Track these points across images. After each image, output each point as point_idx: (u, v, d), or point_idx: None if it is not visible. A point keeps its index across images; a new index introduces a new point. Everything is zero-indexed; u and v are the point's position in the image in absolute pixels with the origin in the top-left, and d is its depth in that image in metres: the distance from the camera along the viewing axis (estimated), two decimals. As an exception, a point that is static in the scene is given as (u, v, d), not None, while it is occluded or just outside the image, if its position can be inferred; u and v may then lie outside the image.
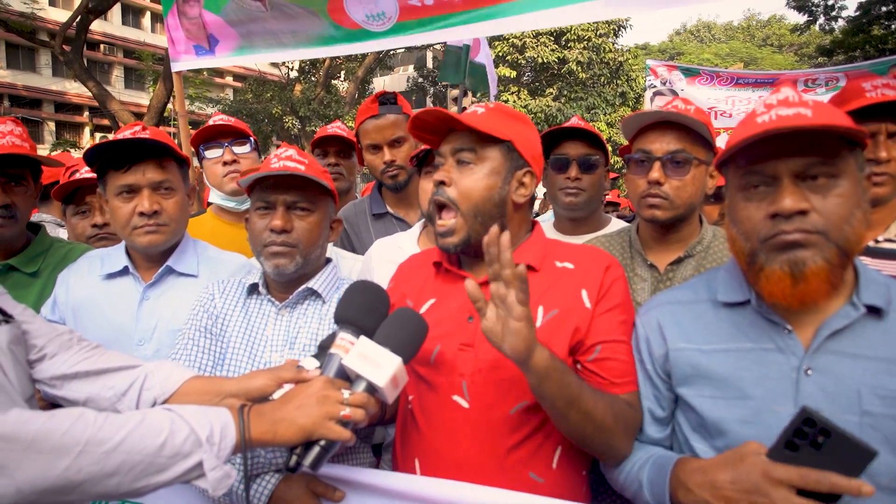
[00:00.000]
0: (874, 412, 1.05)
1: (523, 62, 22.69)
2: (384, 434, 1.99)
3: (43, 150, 26.36)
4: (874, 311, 1.10)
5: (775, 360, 1.13)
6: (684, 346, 1.24)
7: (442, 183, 1.35)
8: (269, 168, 1.48)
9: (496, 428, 1.29)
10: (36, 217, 3.23)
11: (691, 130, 1.62)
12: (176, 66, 3.29)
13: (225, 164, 2.34)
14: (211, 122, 2.40)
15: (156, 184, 1.68)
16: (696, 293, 1.30)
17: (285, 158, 1.51)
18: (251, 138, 2.44)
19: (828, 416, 1.01)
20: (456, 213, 1.34)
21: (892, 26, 17.39)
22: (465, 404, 1.31)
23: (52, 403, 1.32)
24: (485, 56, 4.71)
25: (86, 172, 2.30)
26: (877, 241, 1.65)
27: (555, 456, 1.31)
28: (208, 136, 2.37)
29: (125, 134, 1.65)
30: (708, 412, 1.18)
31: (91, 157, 1.68)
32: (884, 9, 16.97)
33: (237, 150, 2.37)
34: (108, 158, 1.66)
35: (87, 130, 27.79)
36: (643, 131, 1.68)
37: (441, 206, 1.36)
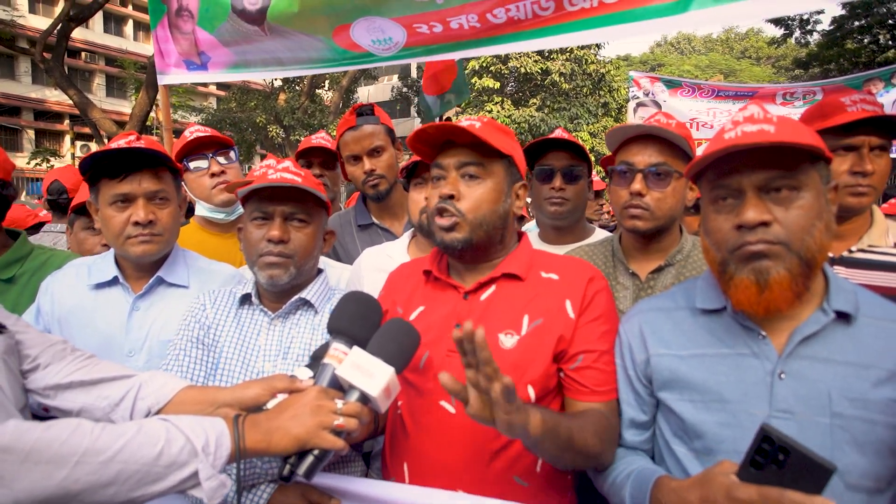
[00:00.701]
0: (844, 414, 1.09)
1: (507, 73, 22.90)
2: (372, 443, 2.01)
3: (22, 159, 25.91)
4: (843, 317, 1.15)
5: (750, 365, 1.18)
6: (664, 352, 1.29)
7: (451, 196, 1.37)
8: (266, 179, 1.50)
9: (482, 432, 1.31)
10: (47, 227, 3.22)
11: (673, 144, 1.67)
12: (164, 80, 3.20)
13: (213, 175, 2.33)
14: (189, 134, 2.37)
15: (151, 193, 1.67)
16: (675, 301, 1.34)
17: (282, 170, 1.53)
18: (234, 148, 2.44)
19: (801, 418, 1.07)
20: (464, 221, 1.37)
21: (865, 40, 17.90)
22: (451, 409, 1.34)
23: (35, 416, 1.31)
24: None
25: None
26: (850, 251, 1.70)
27: (539, 460, 1.34)
28: (191, 148, 2.35)
29: (121, 143, 1.65)
30: (687, 415, 1.22)
31: (86, 165, 1.67)
32: (856, 24, 17.46)
33: (222, 160, 2.37)
34: (103, 167, 1.65)
35: (67, 139, 27.37)
36: (626, 144, 1.72)
37: (443, 211, 1.39)
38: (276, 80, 22.03)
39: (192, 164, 2.35)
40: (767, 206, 1.11)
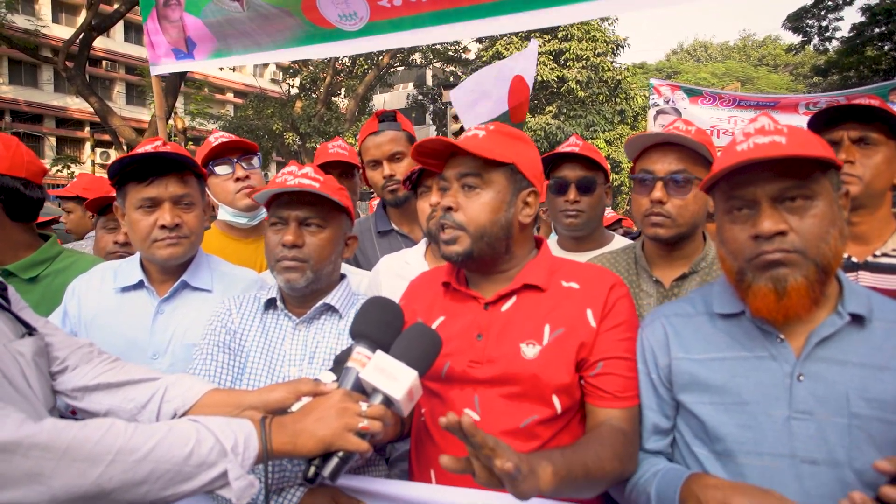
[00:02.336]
0: (861, 414, 1.12)
1: (522, 80, 22.89)
2: (391, 448, 2.02)
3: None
4: (857, 320, 1.17)
5: (769, 368, 1.20)
6: (684, 356, 1.30)
7: (449, 208, 1.39)
8: (285, 185, 1.53)
9: (508, 440, 1.30)
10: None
11: (693, 151, 1.66)
12: (155, 70, 3.28)
13: (237, 179, 2.37)
14: (214, 139, 2.41)
15: (177, 197, 1.70)
16: (694, 307, 1.36)
17: (301, 176, 1.55)
18: (258, 154, 2.47)
19: (820, 419, 1.10)
20: (464, 233, 1.38)
21: (885, 47, 17.66)
22: (476, 417, 1.35)
23: (63, 417, 1.33)
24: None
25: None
26: (875, 256, 1.69)
27: None
28: (216, 153, 2.39)
29: (147, 148, 1.69)
30: (708, 418, 1.24)
31: (114, 170, 1.71)
32: (877, 30, 17.25)
33: (246, 165, 2.40)
34: (130, 172, 1.69)
35: (87, 146, 27.88)
36: (646, 151, 1.73)
37: (443, 225, 1.40)
38: (293, 87, 22.30)
39: (216, 169, 2.38)
40: (783, 216, 1.14)
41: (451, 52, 22.68)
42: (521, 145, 1.44)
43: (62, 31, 24.67)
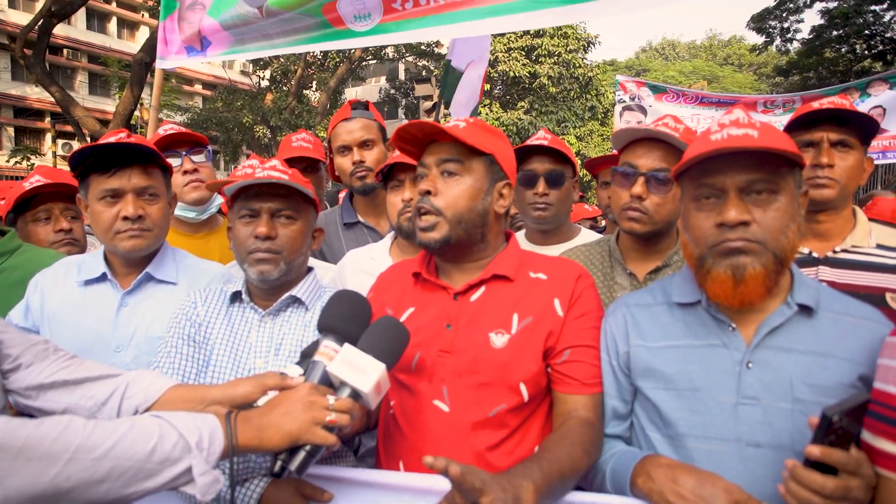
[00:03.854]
0: (804, 399, 1.17)
1: (495, 76, 22.95)
2: (358, 442, 2.01)
3: (1, 157, 25.40)
4: (805, 310, 1.23)
5: (720, 355, 1.25)
6: (641, 344, 1.35)
7: (428, 192, 1.39)
8: (253, 177, 1.51)
9: (477, 430, 1.34)
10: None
11: (678, 150, 1.67)
12: (162, 64, 3.36)
13: (185, 173, 2.32)
14: (162, 130, 2.36)
15: (140, 189, 1.68)
16: (654, 296, 1.41)
17: (269, 168, 1.54)
18: (208, 147, 2.42)
19: (765, 404, 1.16)
20: (440, 218, 1.38)
21: (842, 49, 18.26)
22: (445, 408, 1.36)
23: (21, 414, 1.30)
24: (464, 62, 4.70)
25: (36, 182, 2.26)
26: (835, 252, 1.75)
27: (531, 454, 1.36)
28: (164, 146, 2.33)
29: (110, 139, 1.65)
30: (661, 403, 1.29)
31: (76, 160, 1.67)
32: (835, 33, 17.81)
33: (195, 158, 2.35)
34: (92, 162, 1.65)
35: (48, 137, 26.93)
36: (631, 145, 1.73)
37: (424, 212, 1.40)
38: (263, 80, 21.90)
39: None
40: (747, 207, 1.18)
41: (423, 47, 22.57)
42: (498, 140, 1.46)
43: (20, 17, 23.70)
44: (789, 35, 19.57)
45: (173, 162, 2.31)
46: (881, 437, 1.04)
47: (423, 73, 23.37)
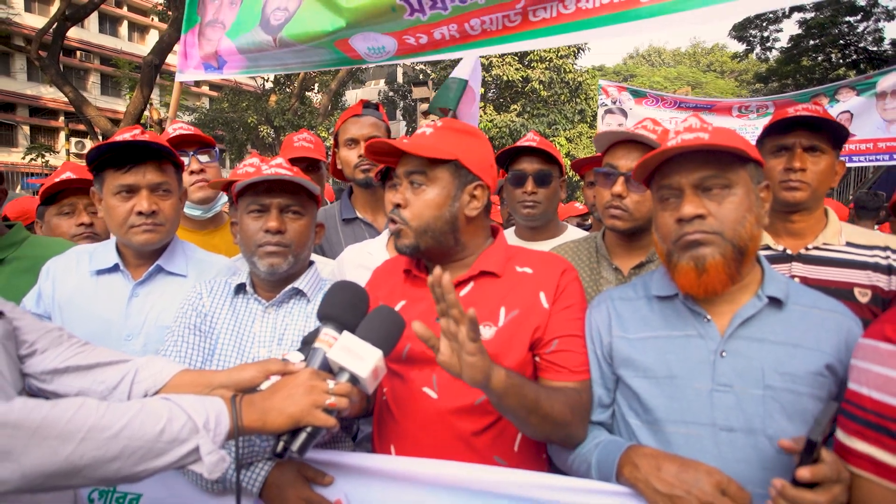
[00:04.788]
0: (774, 386, 1.19)
1: (489, 80, 22.91)
2: (356, 428, 2.03)
3: (17, 154, 25.18)
4: (776, 303, 1.26)
5: (696, 345, 1.27)
6: (622, 335, 1.36)
7: (398, 205, 1.40)
8: (261, 174, 1.52)
9: (463, 416, 1.35)
10: None
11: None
12: (181, 77, 3.42)
13: (192, 172, 2.31)
14: (172, 130, 2.36)
15: (154, 185, 1.67)
16: (635, 291, 1.43)
17: (276, 166, 1.55)
18: (215, 147, 2.42)
19: (738, 391, 1.18)
20: (408, 229, 1.39)
21: (819, 58, 18.31)
22: (434, 395, 1.37)
23: (34, 397, 1.30)
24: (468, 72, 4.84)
25: (65, 177, 2.27)
26: (807, 249, 1.78)
27: (516, 440, 1.38)
28: (173, 145, 2.31)
29: (126, 136, 1.65)
30: (641, 390, 1.30)
31: (93, 156, 1.67)
32: (812, 42, 17.85)
33: (202, 158, 2.35)
34: (109, 159, 1.65)
35: (62, 135, 26.74)
36: (613, 147, 1.76)
37: (394, 222, 1.42)
38: (267, 82, 21.77)
39: None
40: (703, 202, 1.22)
41: (421, 52, 22.51)
42: (468, 139, 1.42)
43: (35, 21, 23.48)
44: (769, 44, 19.62)
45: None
46: (855, 438, 1.04)
47: (421, 77, 23.26)
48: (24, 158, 23.33)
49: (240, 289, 1.61)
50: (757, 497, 1.09)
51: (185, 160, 2.31)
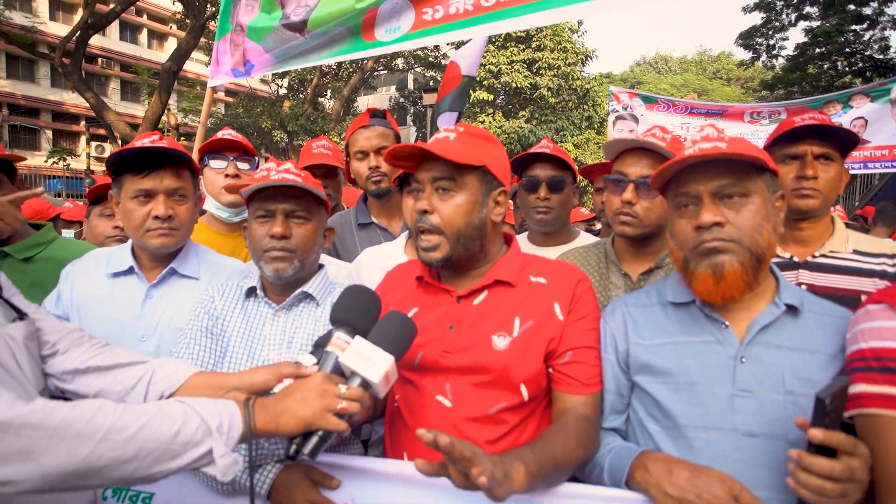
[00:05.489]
0: (795, 391, 1.18)
1: (498, 87, 22.95)
2: (370, 430, 2.01)
3: (40, 157, 25.58)
4: (792, 310, 1.26)
5: (715, 351, 1.26)
6: (639, 342, 1.34)
7: (425, 212, 1.35)
8: (269, 179, 1.50)
9: (477, 425, 1.32)
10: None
11: (665, 157, 1.66)
12: (212, 82, 3.50)
13: (227, 176, 2.33)
14: (221, 133, 2.40)
15: (171, 190, 1.68)
16: (649, 297, 1.41)
17: (284, 171, 1.53)
18: (255, 157, 2.43)
19: (759, 396, 1.17)
20: (440, 236, 1.34)
21: (825, 66, 18.14)
22: (447, 403, 1.34)
23: (54, 397, 1.30)
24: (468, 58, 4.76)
25: None
26: (814, 256, 1.75)
27: None
28: (216, 147, 2.37)
29: (145, 142, 1.66)
30: (660, 396, 1.28)
31: (112, 160, 1.68)
32: (818, 50, 17.70)
33: (241, 165, 2.37)
34: (128, 163, 1.66)
35: (83, 139, 27.06)
36: (622, 154, 1.75)
37: (423, 231, 1.36)
38: (281, 88, 21.94)
39: (212, 161, 2.35)
40: (721, 210, 1.22)
41: (431, 59, 22.59)
42: (490, 146, 1.40)
43: (59, 29, 23.85)
44: (775, 52, 19.47)
45: (219, 164, 2.34)
46: (863, 384, 1.06)
47: (431, 83, 23.34)
48: (46, 162, 23.69)
49: (251, 292, 1.60)
50: (778, 503, 1.07)
51: (223, 163, 2.34)
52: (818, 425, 0.98)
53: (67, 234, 3.82)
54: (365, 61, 19.92)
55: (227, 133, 2.41)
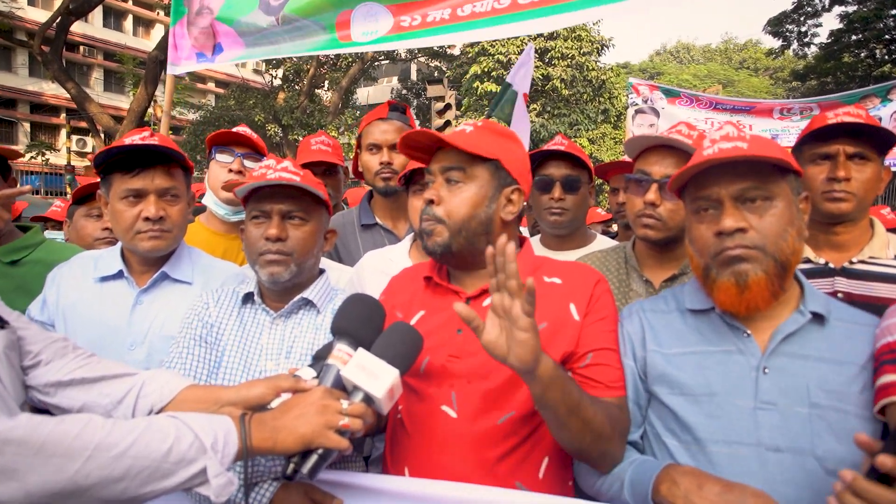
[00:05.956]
0: (821, 404, 1.18)
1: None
2: (371, 446, 2.02)
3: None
4: (818, 319, 1.25)
5: (736, 361, 1.26)
6: (657, 350, 1.35)
7: (431, 202, 1.39)
8: (265, 178, 1.51)
9: (484, 438, 1.32)
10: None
11: (691, 156, 1.67)
12: (173, 70, 3.46)
13: (230, 171, 2.35)
14: (237, 129, 2.43)
15: (163, 190, 1.69)
16: (667, 304, 1.42)
17: (281, 170, 1.54)
18: (264, 158, 2.45)
19: (783, 409, 1.17)
20: (441, 225, 1.38)
21: (862, 54, 18.04)
22: (453, 414, 1.34)
23: (36, 410, 1.31)
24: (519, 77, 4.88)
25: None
26: (851, 263, 1.73)
27: (542, 466, 1.35)
28: (225, 140, 2.38)
29: (135, 139, 1.67)
30: (678, 408, 1.29)
31: (100, 159, 1.69)
32: (854, 38, 17.60)
33: (248, 163, 2.38)
34: (116, 162, 1.67)
35: (63, 132, 27.25)
36: (645, 152, 1.74)
37: (426, 220, 1.40)
38: (275, 79, 22.02)
39: (218, 154, 2.37)
40: (743, 215, 1.22)
41: (436, 48, 22.59)
42: (508, 142, 1.44)
43: (38, 14, 23.99)
44: (807, 39, 19.42)
45: (225, 158, 2.35)
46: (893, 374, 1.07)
47: (436, 74, 23.39)
48: (24, 156, 23.85)
49: (247, 298, 1.61)
50: None
51: (231, 158, 2.35)
52: (890, 451, 0.95)
53: (53, 235, 3.85)
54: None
55: (241, 128, 2.44)
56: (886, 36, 17.09)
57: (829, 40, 18.38)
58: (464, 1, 2.61)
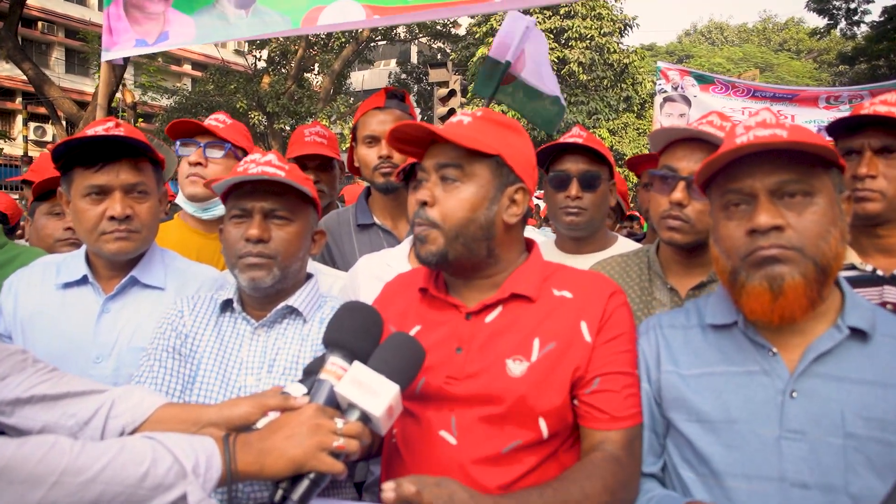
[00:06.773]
0: (858, 434, 1.16)
1: (518, 60, 23.01)
2: (366, 472, 2.02)
3: (-32, 140, 25.84)
4: (859, 334, 1.22)
5: (760, 383, 1.25)
6: (673, 370, 1.35)
7: (424, 203, 1.37)
8: (247, 174, 1.52)
9: (487, 468, 1.32)
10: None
11: None
12: (107, 56, 3.40)
13: (190, 164, 2.36)
14: (210, 119, 2.44)
15: (129, 186, 1.69)
16: (687, 318, 1.41)
17: (264, 164, 1.54)
18: (228, 144, 2.44)
19: (812, 439, 1.15)
20: (436, 230, 1.37)
21: (920, 35, 17.98)
22: (452, 441, 1.35)
23: None
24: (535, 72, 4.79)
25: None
26: None
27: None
28: (186, 131, 2.38)
29: (98, 130, 1.67)
30: (694, 437, 1.28)
31: (59, 152, 1.68)
32: (911, 15, 17.56)
33: (210, 153, 2.39)
34: (78, 155, 1.67)
35: (19, 119, 27.32)
36: (671, 146, 1.74)
37: (419, 224, 1.40)
38: (259, 61, 22.06)
39: (181, 148, 2.37)
40: (780, 211, 1.19)
41: (438, 27, 22.61)
42: (510, 134, 1.42)
43: (-7, -13, 24.13)
44: (856, 17, 19.35)
45: (186, 150, 2.36)
46: None
47: (439, 57, 23.41)
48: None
49: (226, 306, 1.62)
50: None
51: (191, 150, 2.36)
52: None
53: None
54: (360, 30, 20.04)
55: (213, 118, 2.44)
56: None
57: (882, 18, 18.31)
58: None
